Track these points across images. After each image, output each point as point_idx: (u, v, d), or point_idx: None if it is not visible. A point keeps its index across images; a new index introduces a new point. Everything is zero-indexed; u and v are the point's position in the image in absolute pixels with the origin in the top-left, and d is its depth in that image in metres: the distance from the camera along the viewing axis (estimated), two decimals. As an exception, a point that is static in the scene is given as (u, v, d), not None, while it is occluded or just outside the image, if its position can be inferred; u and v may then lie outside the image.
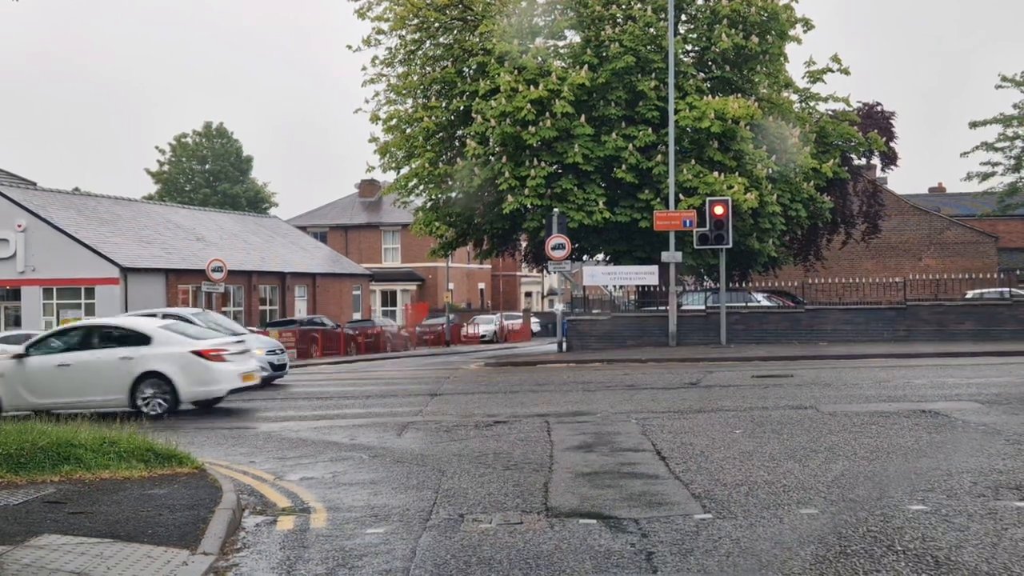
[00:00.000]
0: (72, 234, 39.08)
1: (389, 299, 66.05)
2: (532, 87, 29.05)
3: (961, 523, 7.52)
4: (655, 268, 29.11)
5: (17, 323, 39.18)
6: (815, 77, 34.89)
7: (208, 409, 17.79)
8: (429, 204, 33.53)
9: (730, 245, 28.49)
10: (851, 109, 35.69)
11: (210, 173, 78.62)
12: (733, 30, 30.46)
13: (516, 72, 29.36)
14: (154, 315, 22.80)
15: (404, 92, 32.98)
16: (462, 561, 7.01)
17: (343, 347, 41.36)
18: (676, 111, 28.67)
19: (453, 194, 32.86)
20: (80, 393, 16.85)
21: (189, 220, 49.54)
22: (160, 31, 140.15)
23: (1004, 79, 50.04)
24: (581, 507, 8.59)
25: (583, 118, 29.48)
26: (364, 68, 34.11)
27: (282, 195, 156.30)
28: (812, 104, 35.71)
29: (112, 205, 45.93)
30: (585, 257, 35.75)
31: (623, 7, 31.16)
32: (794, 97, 34.90)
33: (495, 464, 10.86)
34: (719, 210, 27.88)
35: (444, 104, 31.94)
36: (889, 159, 39.86)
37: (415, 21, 32.53)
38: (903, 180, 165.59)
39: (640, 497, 8.90)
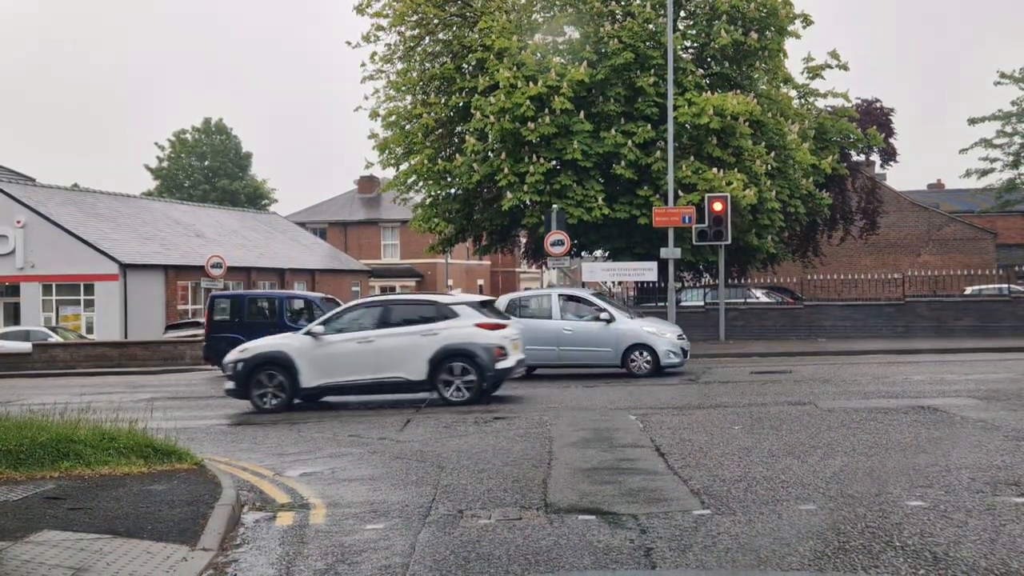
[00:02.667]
0: (71, 230, 39.08)
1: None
2: (531, 83, 29.03)
3: (959, 519, 7.53)
4: (654, 264, 29.11)
5: (16, 319, 39.18)
6: (814, 73, 34.88)
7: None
8: (428, 200, 33.52)
9: (729, 241, 28.50)
10: (850, 105, 35.68)
11: (209, 169, 78.56)
12: (732, 26, 30.44)
13: (515, 68, 29.34)
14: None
15: (403, 88, 32.94)
16: (461, 557, 7.02)
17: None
18: (675, 107, 28.65)
19: (452, 190, 32.85)
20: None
21: (188, 216, 49.53)
22: (159, 27, 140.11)
23: (1003, 75, 50.02)
24: (580, 503, 8.60)
25: (582, 114, 29.47)
26: (363, 64, 34.09)
27: (281, 191, 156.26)
28: (811, 100, 35.70)
29: (111, 201, 45.92)
30: (584, 253, 35.73)
31: (622, 3, 31.14)
32: (793, 93, 34.88)
33: (494, 460, 10.88)
34: (718, 206, 27.88)
35: (443, 100, 31.92)
36: (888, 155, 39.87)
37: (414, 17, 32.50)
38: (902, 176, 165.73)
39: (639, 493, 8.91)
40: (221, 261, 35.08)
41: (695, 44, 32.33)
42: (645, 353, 20.61)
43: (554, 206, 28.87)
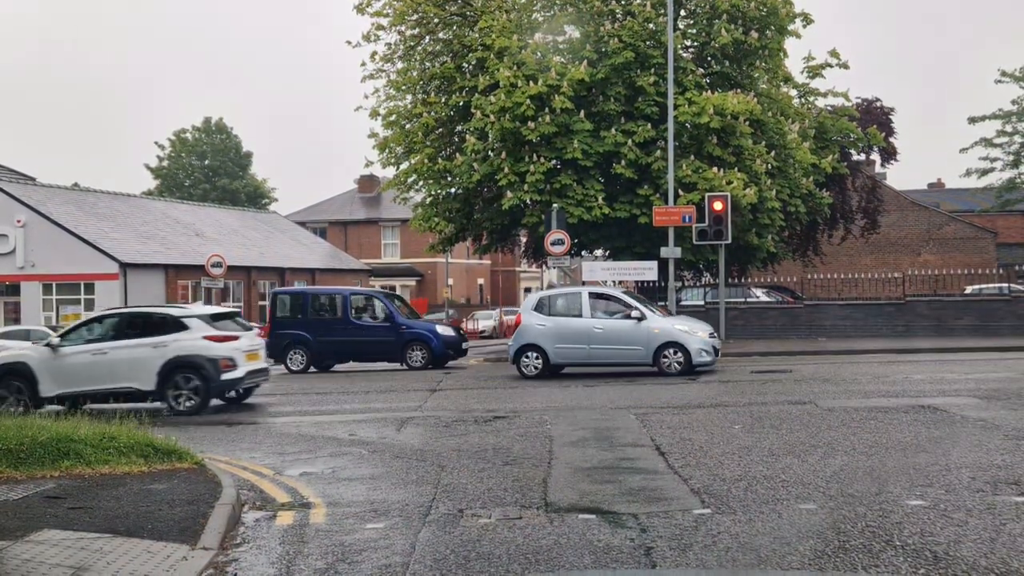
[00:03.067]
0: (72, 229, 39.08)
1: (388, 294, 66.03)
2: (531, 83, 29.01)
3: (960, 518, 7.53)
4: (654, 264, 29.08)
5: (17, 319, 39.19)
6: (814, 72, 34.85)
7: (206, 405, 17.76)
8: (428, 200, 33.49)
9: (729, 241, 28.48)
10: (850, 104, 35.64)
11: (209, 169, 78.54)
12: (732, 25, 30.41)
13: (515, 68, 29.31)
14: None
15: (403, 88, 32.91)
16: (461, 556, 7.02)
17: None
18: (675, 107, 28.63)
19: (452, 190, 32.82)
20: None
21: (188, 216, 49.52)
22: (160, 27, 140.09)
23: (1004, 74, 50.02)
24: (580, 502, 8.60)
25: (582, 114, 29.45)
26: (363, 64, 34.01)
27: (281, 191, 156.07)
28: (811, 99, 35.65)
29: (112, 201, 45.92)
30: (584, 253, 35.71)
31: (622, 2, 31.11)
32: (793, 92, 34.84)
33: (494, 459, 10.88)
34: (718, 206, 27.86)
35: (443, 100, 31.90)
36: (888, 155, 39.81)
37: (414, 16, 32.47)
38: (902, 176, 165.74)
39: (639, 492, 8.91)
40: (221, 260, 35.07)
41: (695, 43, 32.31)
42: (677, 352, 20.51)
43: (554, 205, 28.85)
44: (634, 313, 20.92)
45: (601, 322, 21.07)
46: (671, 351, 20.57)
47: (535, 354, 21.33)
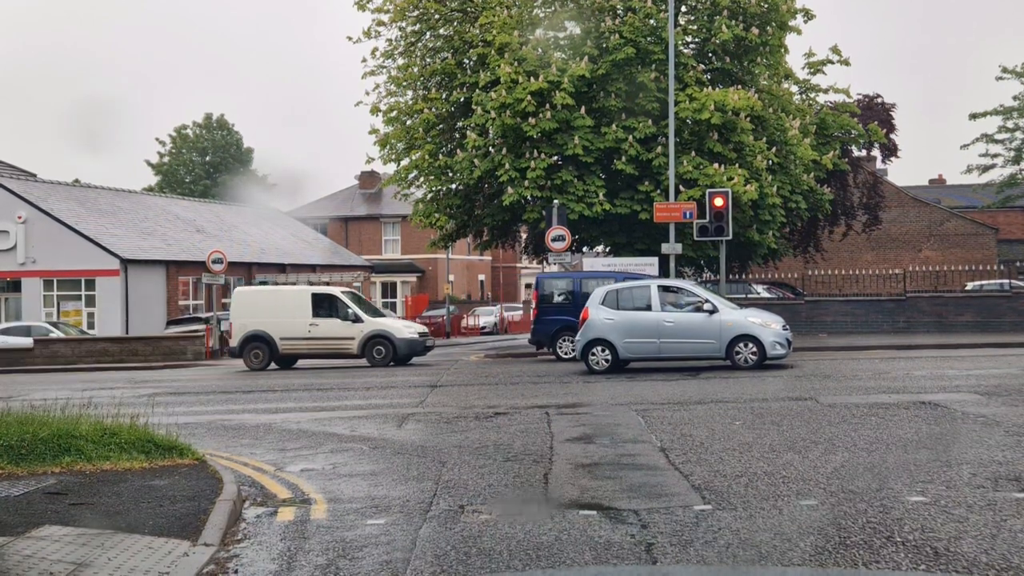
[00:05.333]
0: (72, 226, 39.08)
1: (389, 290, 66.02)
2: (532, 79, 28.99)
3: (960, 514, 7.53)
4: (655, 260, 29.06)
5: (18, 315, 39.19)
6: (815, 68, 34.81)
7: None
8: (429, 196, 33.47)
9: (730, 237, 28.45)
10: (851, 100, 35.62)
11: (210, 165, 78.52)
12: (733, 21, 30.38)
13: (516, 64, 29.29)
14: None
15: (404, 84, 32.88)
16: (462, 552, 7.02)
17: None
18: (676, 103, 28.60)
19: (453, 186, 32.81)
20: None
21: (189, 212, 49.51)
22: (160, 22, 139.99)
23: (1005, 70, 49.87)
24: (581, 498, 8.60)
25: (583, 109, 29.44)
26: (364, 60, 33.92)
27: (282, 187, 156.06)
28: (812, 95, 35.63)
29: (112, 197, 45.91)
30: (585, 249, 35.69)
31: (623, -2, 31.11)
32: (794, 88, 34.81)
33: (495, 455, 10.88)
34: (719, 202, 27.82)
35: (444, 96, 31.87)
36: (889, 151, 39.81)
37: (415, 12, 32.44)
38: (903, 172, 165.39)
39: (640, 488, 8.91)
40: (222, 256, 35.07)
41: (696, 39, 32.27)
42: (751, 344, 20.22)
43: (555, 201, 28.84)
44: (706, 306, 20.56)
45: (671, 315, 20.69)
46: (744, 344, 20.28)
47: (603, 348, 20.92)
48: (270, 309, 27.20)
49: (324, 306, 27.22)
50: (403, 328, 27.50)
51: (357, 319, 26.75)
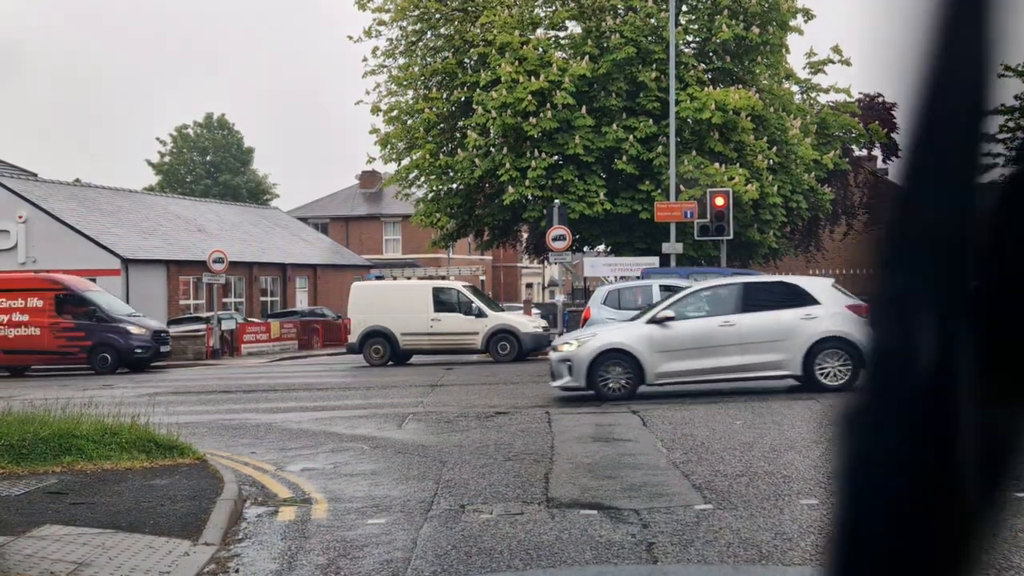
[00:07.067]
0: (73, 225, 39.06)
1: (390, 290, 66.00)
2: (533, 78, 29.01)
3: (961, 514, 7.52)
4: (655, 259, 29.07)
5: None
6: (816, 68, 34.85)
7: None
8: (430, 195, 33.50)
9: (731, 236, 28.45)
10: (852, 100, 35.65)
11: (211, 164, 78.49)
12: (734, 21, 30.40)
13: (517, 63, 29.31)
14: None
15: (405, 83, 32.92)
16: (463, 552, 7.02)
17: (344, 338, 41.33)
18: (677, 102, 28.61)
19: (454, 185, 32.83)
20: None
21: (190, 211, 49.49)
22: (161, 21, 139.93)
23: (1006, 68, 49.84)
24: (582, 498, 8.60)
25: (584, 109, 29.45)
26: (365, 59, 33.96)
27: (283, 186, 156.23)
28: (813, 95, 35.69)
29: (113, 196, 45.90)
30: (586, 248, 35.73)
31: (624, -2, 31.14)
32: (795, 88, 34.85)
33: (496, 455, 10.88)
34: (720, 201, 27.83)
35: (445, 95, 31.89)
36: (890, 150, 39.80)
37: (416, 12, 32.47)
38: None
39: (641, 488, 8.91)
40: (223, 256, 35.08)
41: (697, 39, 32.29)
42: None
43: (556, 201, 28.85)
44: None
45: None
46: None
47: None
48: (390, 304, 26.60)
49: (446, 301, 26.52)
50: (527, 323, 26.89)
51: (481, 314, 26.06)
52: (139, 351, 27.65)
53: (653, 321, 15.30)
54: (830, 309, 15.01)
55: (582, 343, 15.48)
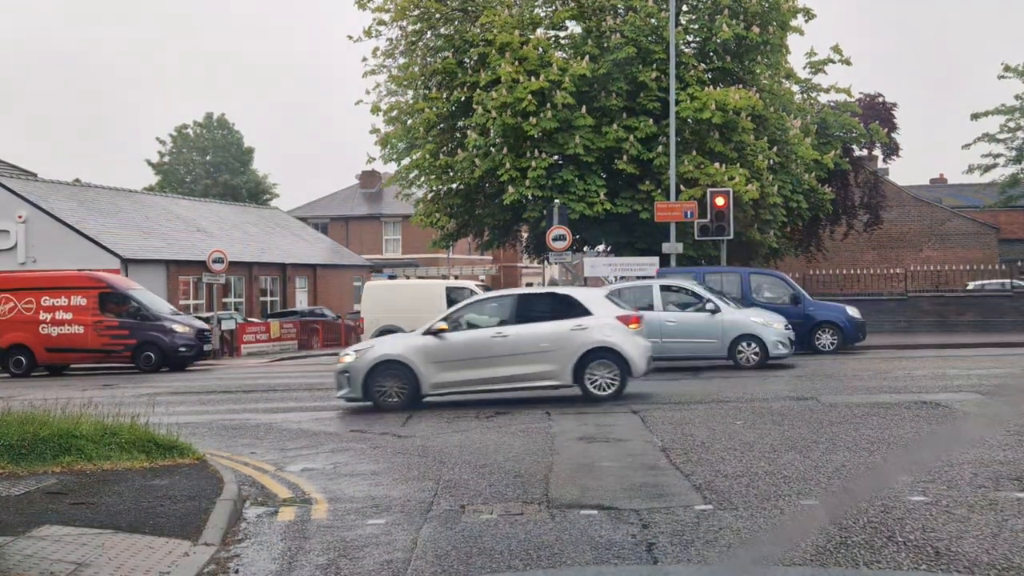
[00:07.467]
0: (73, 225, 39.06)
1: (390, 290, 65.97)
2: (533, 78, 29.00)
3: (962, 514, 7.52)
4: (656, 259, 29.06)
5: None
6: (816, 68, 34.85)
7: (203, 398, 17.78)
8: (430, 195, 33.49)
9: (731, 236, 28.46)
10: (852, 100, 35.65)
11: (211, 164, 78.48)
12: (734, 20, 30.39)
13: (517, 63, 29.29)
14: None
15: (405, 83, 32.90)
16: (463, 552, 7.02)
17: (344, 338, 41.36)
18: (677, 102, 28.61)
19: (454, 185, 32.82)
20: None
21: (190, 211, 49.49)
22: (161, 21, 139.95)
23: (1007, 69, 49.83)
24: (582, 498, 8.59)
25: (584, 109, 29.44)
26: (365, 59, 33.91)
27: (283, 186, 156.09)
28: (813, 95, 35.68)
29: (113, 196, 45.90)
30: (586, 248, 35.70)
31: (624, -2, 31.12)
32: (795, 88, 34.84)
33: (496, 455, 10.88)
34: (720, 201, 27.83)
35: (445, 95, 31.87)
36: (890, 150, 39.82)
37: (416, 12, 32.44)
38: (904, 171, 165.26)
39: (641, 488, 8.90)
40: (223, 256, 35.09)
41: (697, 38, 32.28)
42: (753, 344, 20.17)
43: (556, 201, 28.84)
44: (708, 305, 20.50)
45: (673, 315, 20.66)
46: (746, 344, 20.21)
47: None
48: (403, 303, 26.64)
49: (459, 300, 26.71)
50: None
51: None
52: (183, 349, 27.58)
53: (429, 332, 15.68)
54: (600, 320, 15.39)
55: (360, 355, 15.79)
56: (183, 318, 29.10)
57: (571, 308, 15.60)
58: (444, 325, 15.65)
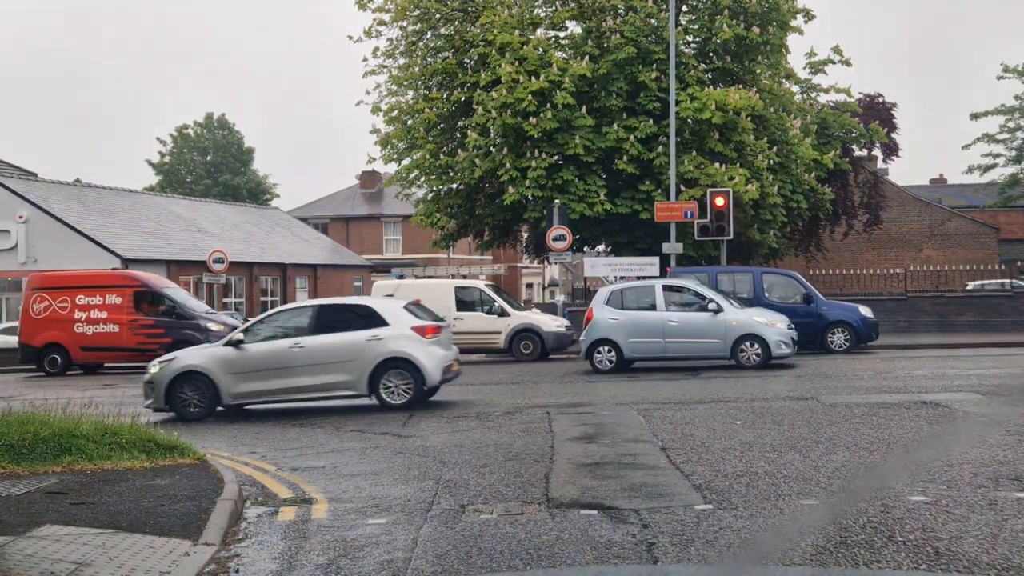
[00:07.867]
0: (73, 225, 39.07)
1: (390, 290, 65.96)
2: (533, 78, 29.00)
3: (961, 514, 7.53)
4: (656, 259, 29.06)
5: (19, 314, 39.14)
6: (816, 68, 34.85)
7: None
8: (430, 195, 33.50)
9: (731, 236, 28.45)
10: (852, 100, 35.65)
11: (211, 164, 78.50)
12: (734, 20, 30.40)
13: (517, 63, 29.30)
14: None
15: (405, 83, 32.89)
16: (463, 552, 7.02)
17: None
18: (677, 102, 28.61)
19: (454, 185, 32.81)
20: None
21: (190, 211, 49.49)
22: (161, 21, 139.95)
23: (1006, 69, 49.85)
24: (582, 498, 8.60)
25: (584, 109, 29.44)
26: (365, 60, 33.90)
27: (283, 186, 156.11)
28: (813, 95, 35.67)
29: (113, 196, 45.91)
30: (586, 248, 35.68)
31: (624, -2, 31.11)
32: (795, 88, 34.83)
33: (496, 455, 10.88)
34: (720, 201, 27.83)
35: (445, 95, 31.87)
36: (890, 150, 39.82)
37: (416, 12, 32.44)
38: (904, 171, 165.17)
39: (641, 488, 8.91)
40: (223, 256, 35.11)
41: (697, 39, 32.28)
42: (755, 344, 20.12)
43: (556, 201, 28.84)
44: (711, 305, 20.46)
45: (676, 315, 20.62)
46: (749, 344, 20.20)
47: (608, 348, 20.80)
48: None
49: (468, 300, 26.44)
50: (550, 321, 26.62)
51: (503, 313, 25.91)
52: None
53: (229, 344, 15.91)
54: (396, 330, 15.52)
55: (164, 366, 15.97)
56: (217, 316, 29.00)
57: (369, 319, 15.78)
58: (242, 336, 15.91)
